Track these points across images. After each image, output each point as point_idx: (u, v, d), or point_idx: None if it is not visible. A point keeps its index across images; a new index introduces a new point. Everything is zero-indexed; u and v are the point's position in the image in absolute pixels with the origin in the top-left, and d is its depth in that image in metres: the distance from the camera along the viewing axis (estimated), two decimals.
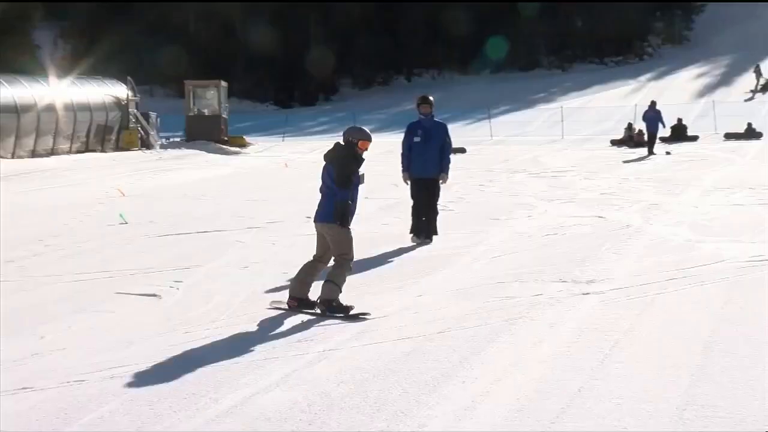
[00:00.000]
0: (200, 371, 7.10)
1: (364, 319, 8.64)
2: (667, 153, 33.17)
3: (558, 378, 6.74)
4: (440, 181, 13.70)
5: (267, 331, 8.38)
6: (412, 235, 13.54)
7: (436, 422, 5.97)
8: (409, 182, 13.80)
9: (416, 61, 76.83)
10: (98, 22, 67.05)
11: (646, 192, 20.08)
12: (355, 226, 15.53)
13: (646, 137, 35.14)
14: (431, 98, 13.82)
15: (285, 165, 31.13)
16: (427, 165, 13.54)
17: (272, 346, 7.82)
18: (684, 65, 71.78)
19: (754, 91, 60.02)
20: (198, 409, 6.27)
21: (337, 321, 8.69)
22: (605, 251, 12.35)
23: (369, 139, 9.32)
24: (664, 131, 36.51)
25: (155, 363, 7.33)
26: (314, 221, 9.19)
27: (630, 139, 38.84)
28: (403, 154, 13.81)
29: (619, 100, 57.81)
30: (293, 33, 68.06)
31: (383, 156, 25.64)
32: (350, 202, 9.03)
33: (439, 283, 10.59)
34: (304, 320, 8.76)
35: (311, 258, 9.28)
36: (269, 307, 9.16)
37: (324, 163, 9.19)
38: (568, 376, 6.75)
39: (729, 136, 39.81)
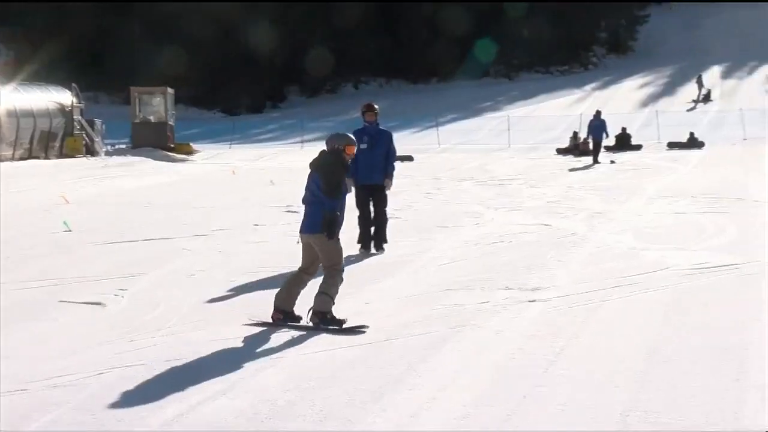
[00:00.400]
0: (145, 380, 7.04)
1: (362, 331, 8.40)
2: (612, 162, 33.55)
3: (503, 385, 6.78)
4: (386, 188, 13.72)
5: (213, 339, 8.32)
6: (359, 245, 13.48)
7: (383, 429, 5.98)
8: (353, 189, 13.74)
9: (363, 69, 76.96)
10: (43, 27, 66.23)
11: (591, 200, 20.29)
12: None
13: (591, 146, 35.52)
14: (376, 106, 13.85)
15: (232, 172, 31.00)
16: (373, 172, 13.55)
17: (218, 354, 7.78)
18: (628, 75, 72.69)
19: (696, 101, 60.95)
20: (142, 417, 6.21)
21: (285, 329, 8.66)
22: (550, 259, 12.46)
23: (355, 144, 9.16)
24: (608, 140, 36.92)
25: (99, 372, 7.25)
26: (300, 232, 8.90)
27: (575, 147, 39.23)
28: None
29: (564, 110, 58.39)
30: (242, 41, 67.77)
31: None
32: (338, 213, 8.81)
33: (386, 290, 10.60)
34: (250, 328, 8.71)
35: (297, 270, 9.01)
36: (247, 322, 8.81)
37: (309, 171, 9.00)
38: (514, 383, 6.80)
39: (672, 146, 40.37)
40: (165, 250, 13.79)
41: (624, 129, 41.36)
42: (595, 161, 33.63)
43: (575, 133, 41.23)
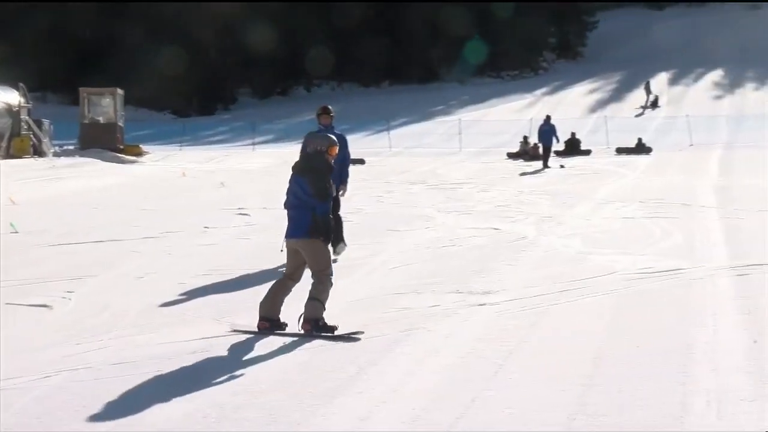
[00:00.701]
0: (92, 383, 6.99)
1: (356, 339, 8.28)
2: (561, 166, 33.83)
3: (453, 388, 6.82)
4: (340, 194, 13.68)
5: (162, 342, 8.28)
6: None
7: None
8: None
9: (316, 71, 76.88)
10: None
11: (541, 204, 20.45)
12: (253, 237, 15.52)
13: (541, 151, 35.79)
14: (332, 109, 13.81)
15: (183, 174, 30.80)
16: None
17: (167, 357, 7.73)
18: (578, 80, 73.33)
19: (644, 107, 61.66)
20: (88, 420, 6.16)
21: (231, 333, 8.62)
22: (500, 263, 12.54)
23: (337, 145, 8.96)
24: (558, 145, 37.22)
25: (45, 375, 7.18)
26: (286, 237, 8.65)
27: (525, 152, 39.50)
28: None
29: (515, 114, 58.76)
30: (190, 43, 67.35)
31: (281, 167, 25.52)
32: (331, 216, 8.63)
33: (337, 293, 10.58)
34: (200, 332, 8.66)
35: (282, 276, 8.80)
36: (230, 331, 8.60)
37: (292, 174, 8.73)
38: (463, 386, 6.84)
39: (620, 151, 40.79)
40: (114, 252, 13.68)
41: (573, 134, 41.73)
42: (545, 166, 33.90)
43: (525, 138, 41.52)
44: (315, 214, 8.48)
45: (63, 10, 65.82)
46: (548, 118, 36.23)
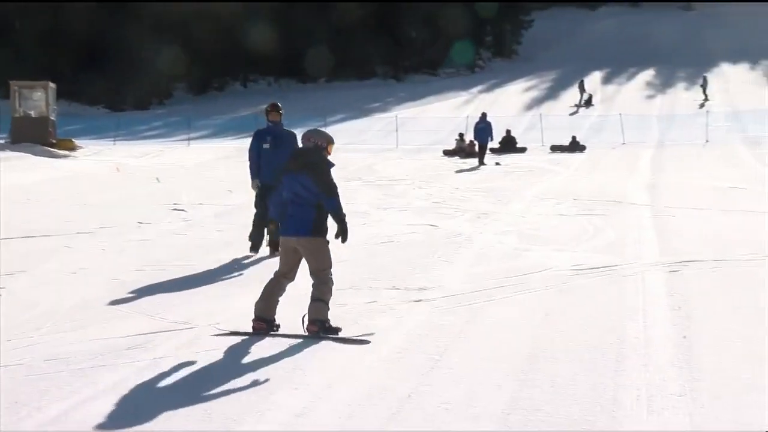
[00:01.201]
0: (24, 379, 6.89)
1: (366, 342, 8.06)
2: (497, 164, 34.07)
3: (388, 384, 6.85)
4: None
5: (96, 338, 8.18)
6: (251, 245, 13.24)
7: (268, 429, 5.97)
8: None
9: (253, 67, 76.48)
10: None
11: (477, 201, 20.59)
12: (188, 233, 15.39)
13: (477, 148, 36.01)
14: (280, 106, 13.72)
15: (116, 169, 30.43)
16: (276, 172, 13.40)
17: (101, 354, 7.65)
18: (513, 79, 73.92)
19: (578, 106, 62.34)
20: (20, 418, 6.08)
21: (164, 329, 8.55)
22: (437, 259, 12.60)
23: (334, 143, 8.71)
24: (493, 143, 37.49)
25: None
26: (284, 235, 8.36)
27: (461, 149, 39.72)
28: (252, 161, 13.46)
29: (451, 112, 59.04)
30: (126, 34, 66.55)
31: (217, 162, 25.43)
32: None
33: None
34: (135, 328, 8.58)
35: (273, 275, 8.53)
36: (221, 333, 8.37)
37: (288, 171, 8.41)
38: (399, 382, 6.87)
39: (555, 149, 41.21)
40: (46, 247, 13.48)
41: (509, 131, 42.05)
42: (481, 163, 34.12)
43: (461, 135, 41.75)
44: (321, 211, 8.29)
45: None
46: (484, 115, 36.48)
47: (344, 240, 8.41)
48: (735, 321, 8.82)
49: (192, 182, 25.20)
